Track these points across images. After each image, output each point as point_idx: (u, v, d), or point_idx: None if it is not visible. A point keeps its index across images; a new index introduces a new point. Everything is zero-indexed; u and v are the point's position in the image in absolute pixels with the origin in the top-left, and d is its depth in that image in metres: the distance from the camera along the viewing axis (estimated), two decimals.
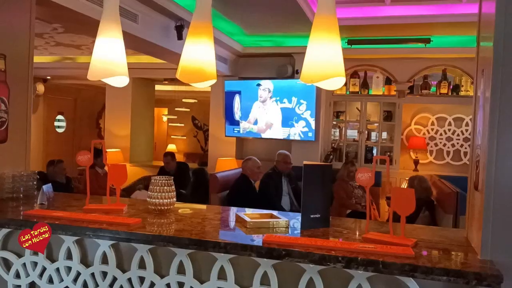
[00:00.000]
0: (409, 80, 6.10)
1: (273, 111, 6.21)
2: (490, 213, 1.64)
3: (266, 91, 6.20)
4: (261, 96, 6.25)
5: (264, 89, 6.21)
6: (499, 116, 1.63)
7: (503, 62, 1.63)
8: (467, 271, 1.49)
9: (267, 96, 6.21)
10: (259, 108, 6.29)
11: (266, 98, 6.22)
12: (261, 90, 6.24)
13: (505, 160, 1.63)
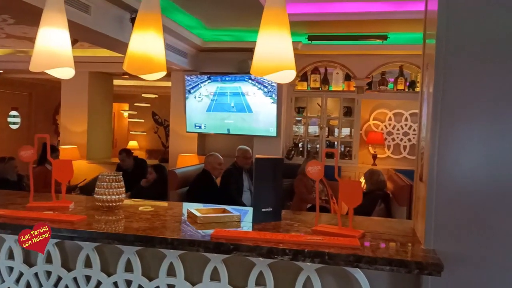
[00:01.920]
0: (367, 76, 6.21)
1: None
2: (433, 203, 1.68)
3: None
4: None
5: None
6: (441, 110, 1.67)
7: (445, 58, 1.66)
8: (409, 261, 1.52)
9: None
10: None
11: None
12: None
13: (446, 152, 1.67)
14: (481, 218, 1.65)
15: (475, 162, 1.66)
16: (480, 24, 1.65)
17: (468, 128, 1.66)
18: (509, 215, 1.63)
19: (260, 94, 5.95)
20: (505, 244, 1.63)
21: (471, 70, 1.66)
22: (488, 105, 1.65)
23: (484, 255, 1.65)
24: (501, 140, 1.64)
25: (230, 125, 6.17)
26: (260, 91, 5.94)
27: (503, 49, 1.63)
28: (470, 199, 1.66)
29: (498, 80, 1.64)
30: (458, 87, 1.66)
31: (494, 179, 1.65)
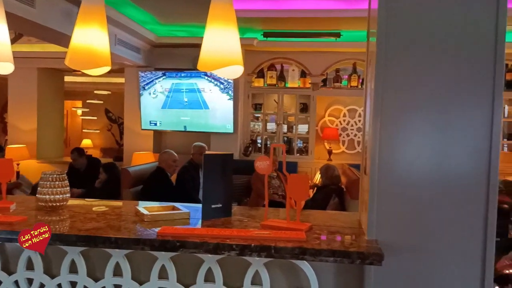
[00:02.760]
0: (322, 73, 6.32)
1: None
2: (375, 195, 1.73)
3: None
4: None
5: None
6: (382, 105, 1.72)
7: (385, 55, 1.71)
8: (352, 251, 1.57)
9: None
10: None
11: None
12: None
13: (388, 146, 1.73)
14: (420, 209, 1.72)
15: (415, 155, 1.72)
16: (419, 22, 1.71)
17: (408, 123, 1.72)
18: (447, 206, 1.71)
19: (217, 90, 5.92)
20: (442, 233, 1.71)
21: (411, 66, 1.72)
22: (427, 100, 1.71)
23: (423, 244, 1.72)
24: (440, 134, 1.71)
25: (186, 122, 6.11)
26: (217, 88, 5.92)
27: (441, 46, 1.70)
28: (410, 191, 1.72)
29: (436, 75, 1.71)
30: (398, 83, 1.72)
31: (433, 171, 1.72)
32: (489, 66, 1.66)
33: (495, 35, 1.66)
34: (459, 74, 1.69)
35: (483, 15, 1.66)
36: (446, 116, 1.70)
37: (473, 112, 1.69)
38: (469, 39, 1.68)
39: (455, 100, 1.70)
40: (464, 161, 1.70)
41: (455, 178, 1.70)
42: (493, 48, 1.66)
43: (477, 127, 1.69)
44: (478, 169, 1.69)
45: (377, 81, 1.72)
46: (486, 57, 1.67)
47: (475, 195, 1.69)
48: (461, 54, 1.68)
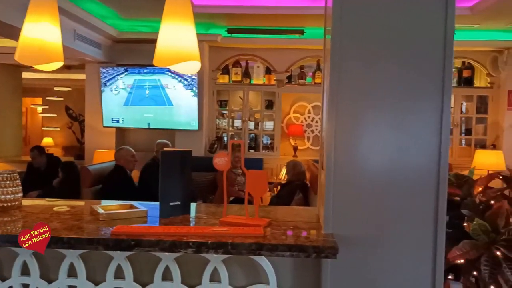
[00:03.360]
0: (287, 70, 6.36)
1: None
2: (331, 189, 1.76)
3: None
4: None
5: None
6: (337, 103, 1.75)
7: (339, 54, 1.74)
8: (307, 245, 1.58)
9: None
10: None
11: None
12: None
13: (343, 142, 1.75)
14: (375, 202, 1.76)
15: (369, 151, 1.76)
16: (372, 21, 1.74)
17: (362, 119, 1.76)
18: (400, 199, 1.75)
19: (180, 87, 5.86)
20: (396, 225, 1.75)
21: (364, 64, 1.75)
22: (380, 97, 1.75)
23: (378, 236, 1.76)
24: (393, 130, 1.75)
25: (150, 119, 6.01)
26: (180, 84, 5.85)
27: (393, 45, 1.74)
28: (365, 185, 1.76)
29: (389, 73, 1.74)
30: (353, 80, 1.75)
31: (387, 166, 1.76)
32: (439, 64, 1.72)
33: (444, 34, 1.71)
34: (411, 72, 1.73)
35: (432, 15, 1.71)
36: (399, 113, 1.74)
37: (424, 108, 1.74)
38: (420, 38, 1.72)
39: (407, 97, 1.74)
40: (416, 155, 1.75)
41: (407, 172, 1.75)
42: (442, 47, 1.71)
43: (427, 123, 1.74)
44: (429, 163, 1.74)
45: (332, 78, 1.74)
46: (435, 55, 1.71)
47: (427, 188, 1.74)
48: (413, 52, 1.73)
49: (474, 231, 1.91)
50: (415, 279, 1.76)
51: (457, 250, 1.91)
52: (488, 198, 2.05)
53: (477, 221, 1.90)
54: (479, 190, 2.09)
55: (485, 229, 1.90)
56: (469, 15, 4.88)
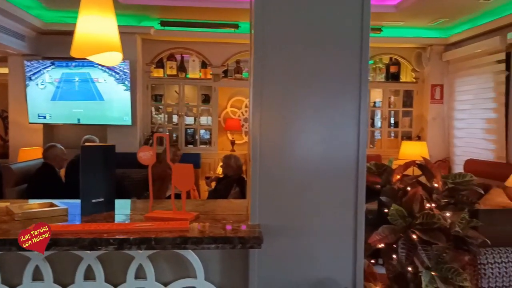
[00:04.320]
0: (223, 64, 6.34)
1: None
2: (257, 181, 1.78)
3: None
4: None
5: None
6: (262, 96, 1.77)
7: (262, 48, 1.76)
8: (232, 237, 1.59)
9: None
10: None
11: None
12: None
13: (268, 134, 1.78)
14: (299, 192, 1.80)
15: (293, 143, 1.80)
16: (293, 17, 1.77)
17: (286, 112, 1.79)
18: (322, 188, 1.81)
19: (112, 80, 5.65)
20: (319, 214, 1.81)
21: (287, 58, 1.78)
22: (303, 90, 1.79)
23: (303, 225, 1.81)
24: (315, 123, 1.80)
25: (80, 114, 5.75)
26: (112, 78, 5.65)
27: (314, 39, 1.78)
28: (290, 176, 1.80)
29: (311, 68, 1.79)
30: (276, 73, 1.77)
31: (310, 157, 1.81)
32: (356, 59, 1.78)
33: (360, 30, 1.78)
34: (331, 65, 1.79)
35: (350, 10, 1.77)
36: (321, 105, 1.80)
37: (344, 101, 1.80)
38: (338, 33, 1.78)
39: (328, 90, 1.80)
40: (337, 146, 1.81)
41: (329, 163, 1.81)
42: (359, 43, 1.78)
43: (347, 116, 1.80)
44: (349, 154, 1.81)
45: (256, 71, 1.76)
46: (353, 50, 1.78)
47: (347, 177, 1.82)
48: (332, 47, 1.78)
49: (392, 216, 2.01)
50: (338, 264, 1.83)
51: (377, 235, 2.00)
52: (405, 185, 2.17)
53: (394, 206, 2.01)
54: (397, 178, 2.21)
55: (402, 214, 2.01)
56: (394, 13, 5.13)
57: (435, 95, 6.32)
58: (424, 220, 2.00)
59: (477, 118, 5.49)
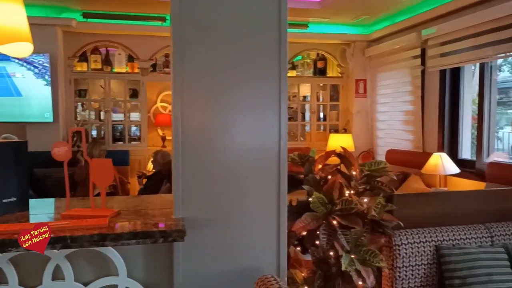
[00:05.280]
0: (151, 58, 6.18)
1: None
2: (180, 174, 1.77)
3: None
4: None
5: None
6: (182, 88, 1.77)
7: (181, 41, 1.75)
8: (154, 231, 1.57)
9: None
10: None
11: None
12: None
13: (189, 127, 1.77)
14: (223, 184, 1.82)
15: (215, 134, 1.81)
16: (211, 10, 1.78)
17: (207, 104, 1.80)
18: (246, 179, 1.84)
19: (30, 75, 5.30)
20: (244, 204, 1.84)
21: (207, 51, 1.78)
22: (224, 82, 1.81)
23: (228, 215, 1.83)
24: (237, 115, 1.82)
25: None
26: (30, 72, 5.30)
27: (233, 33, 1.80)
28: (213, 168, 1.81)
29: (231, 61, 1.81)
30: (196, 66, 1.78)
31: (233, 149, 1.83)
32: (275, 53, 1.83)
33: (278, 24, 1.82)
34: (250, 59, 1.82)
35: (268, 6, 1.81)
36: (242, 99, 1.82)
37: (264, 95, 1.84)
38: (257, 28, 1.82)
39: (249, 83, 1.83)
40: (259, 137, 1.85)
41: (252, 154, 1.84)
42: (277, 37, 1.83)
43: (268, 109, 1.85)
44: (271, 145, 1.86)
45: (176, 65, 1.75)
46: (271, 44, 1.82)
47: (269, 168, 1.86)
48: (251, 41, 1.81)
49: (314, 203, 2.10)
50: (262, 253, 1.88)
51: (300, 223, 2.07)
52: (326, 173, 2.27)
53: (315, 194, 2.09)
54: (319, 167, 2.30)
55: (323, 201, 2.10)
56: (319, 9, 5.30)
57: (359, 89, 6.62)
58: (343, 206, 2.10)
59: (397, 110, 5.84)
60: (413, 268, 2.22)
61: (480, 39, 4.16)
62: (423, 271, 2.22)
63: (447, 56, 4.74)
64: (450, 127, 4.95)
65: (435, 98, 5.05)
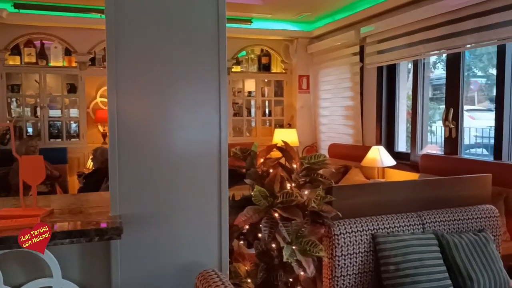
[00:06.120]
0: (89, 52, 5.94)
1: None
2: (116, 169, 1.72)
3: None
4: None
5: None
6: (118, 80, 1.71)
7: (115, 32, 1.70)
8: (89, 230, 1.52)
9: None
10: None
11: None
12: None
13: (125, 121, 1.73)
14: (163, 179, 1.79)
15: (154, 128, 1.78)
16: (147, 4, 1.74)
17: (144, 96, 1.76)
18: (187, 174, 1.82)
19: None
20: (185, 199, 1.83)
21: (143, 46, 1.75)
22: (161, 76, 1.78)
23: (168, 211, 1.81)
24: (177, 109, 1.80)
25: None
26: None
27: (171, 25, 1.78)
28: (151, 164, 1.78)
29: (169, 52, 1.78)
30: (131, 60, 1.74)
31: (172, 142, 1.80)
32: (214, 47, 1.82)
33: (216, 18, 1.81)
34: (189, 53, 1.81)
35: None
36: (182, 93, 1.80)
37: (204, 89, 1.83)
38: (195, 20, 1.80)
39: (188, 78, 1.81)
40: (199, 132, 1.84)
41: (192, 149, 1.83)
42: (216, 30, 1.82)
43: (208, 102, 1.84)
44: (211, 139, 1.85)
45: (110, 58, 1.70)
46: (211, 39, 1.81)
47: (210, 162, 1.86)
48: (189, 35, 1.80)
49: (256, 197, 2.12)
50: (204, 247, 1.87)
51: (242, 216, 2.09)
52: (268, 167, 2.30)
53: (257, 188, 2.11)
54: (261, 161, 2.33)
55: (264, 195, 2.13)
56: (262, 5, 5.34)
57: (302, 85, 6.76)
58: (284, 198, 2.14)
59: (338, 106, 6.03)
60: (351, 256, 2.30)
61: (413, 37, 4.38)
62: (360, 258, 2.32)
63: (383, 53, 4.95)
64: (387, 121, 5.18)
65: (373, 94, 5.26)
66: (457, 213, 2.57)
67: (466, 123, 4.69)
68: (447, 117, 4.04)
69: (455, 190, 2.67)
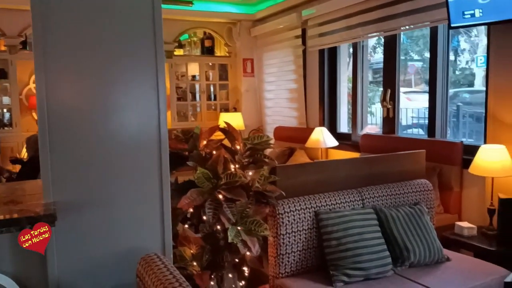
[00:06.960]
0: (19, 35, 5.56)
1: None
2: (48, 155, 1.63)
3: None
4: None
5: None
6: (46, 61, 1.63)
7: (41, 7, 1.61)
8: (19, 218, 1.44)
9: None
10: None
11: None
12: None
13: (56, 103, 1.65)
14: (100, 163, 1.73)
15: (88, 113, 1.70)
16: None
17: (75, 79, 1.68)
18: (125, 158, 1.77)
19: None
20: (125, 183, 1.77)
21: (74, 31, 1.67)
22: (94, 58, 1.69)
23: (107, 196, 1.74)
24: (111, 90, 1.73)
25: None
26: None
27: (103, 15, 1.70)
28: (86, 149, 1.71)
29: (102, 33, 1.71)
30: (59, 42, 1.65)
31: (108, 126, 1.74)
32: (149, 28, 1.76)
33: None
34: (124, 33, 1.75)
35: None
36: (117, 74, 1.74)
37: (140, 70, 1.77)
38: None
39: (123, 60, 1.75)
40: (136, 115, 1.78)
41: (130, 132, 1.78)
42: (151, 11, 1.75)
43: (144, 84, 1.79)
44: (150, 121, 1.80)
45: (36, 35, 1.61)
46: (146, 18, 1.75)
47: (149, 145, 1.81)
48: (124, 14, 1.74)
49: (199, 179, 2.10)
50: (147, 232, 1.83)
51: (186, 199, 2.06)
52: (211, 149, 2.28)
53: (200, 169, 2.09)
54: (204, 143, 2.30)
55: (208, 176, 2.11)
56: None
57: (247, 69, 6.74)
58: (228, 180, 2.13)
59: (282, 89, 6.08)
60: (296, 233, 2.35)
61: (352, 20, 4.48)
62: (304, 235, 2.37)
63: (324, 36, 5.03)
64: (330, 103, 5.30)
65: (315, 76, 5.35)
66: (394, 188, 2.69)
67: (404, 104, 4.90)
68: (385, 98, 4.19)
69: (392, 166, 2.79)
